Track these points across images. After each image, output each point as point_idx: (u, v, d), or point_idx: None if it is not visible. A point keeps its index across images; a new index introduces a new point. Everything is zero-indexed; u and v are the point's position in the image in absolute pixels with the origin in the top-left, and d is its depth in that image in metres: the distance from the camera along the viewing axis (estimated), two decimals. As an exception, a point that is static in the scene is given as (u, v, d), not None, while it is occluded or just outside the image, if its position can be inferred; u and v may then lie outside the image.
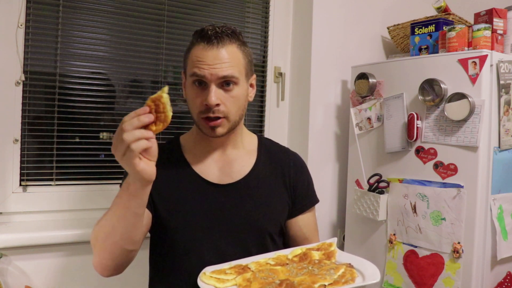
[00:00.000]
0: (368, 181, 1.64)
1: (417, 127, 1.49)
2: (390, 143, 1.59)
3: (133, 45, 1.63)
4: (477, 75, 1.36)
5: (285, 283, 0.84)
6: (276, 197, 1.14)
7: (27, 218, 1.48)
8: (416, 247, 1.50)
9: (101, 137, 1.61)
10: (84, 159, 1.58)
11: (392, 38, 1.93)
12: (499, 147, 1.39)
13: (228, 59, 1.01)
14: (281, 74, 1.93)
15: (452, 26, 1.50)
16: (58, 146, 1.52)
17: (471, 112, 1.35)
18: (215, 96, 1.01)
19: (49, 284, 1.41)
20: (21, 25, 1.43)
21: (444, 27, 1.55)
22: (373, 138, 1.68)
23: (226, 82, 1.02)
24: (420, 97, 1.47)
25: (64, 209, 1.53)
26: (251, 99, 1.14)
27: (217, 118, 1.03)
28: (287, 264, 0.97)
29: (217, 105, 1.01)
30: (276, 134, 1.92)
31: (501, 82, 1.38)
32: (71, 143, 1.56)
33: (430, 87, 1.44)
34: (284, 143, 1.89)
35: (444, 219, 1.42)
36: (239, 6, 1.87)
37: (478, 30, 1.46)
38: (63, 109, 1.52)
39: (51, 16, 1.50)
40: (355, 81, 1.70)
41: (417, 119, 1.49)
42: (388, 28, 1.91)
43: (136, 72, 1.66)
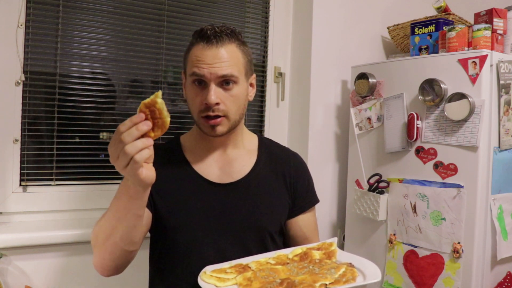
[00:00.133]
0: (368, 181, 1.64)
1: (417, 127, 1.49)
2: (390, 143, 1.59)
3: (133, 45, 1.63)
4: (477, 75, 1.36)
5: (286, 282, 0.84)
6: (276, 196, 1.14)
7: (27, 218, 1.48)
8: (416, 247, 1.50)
9: (101, 137, 1.61)
10: (84, 159, 1.57)
11: (392, 38, 1.93)
12: (499, 147, 1.39)
13: (228, 58, 1.02)
14: (281, 74, 1.93)
15: (452, 26, 1.50)
16: (58, 146, 1.52)
17: (471, 112, 1.35)
18: (215, 95, 1.01)
19: (49, 284, 1.41)
20: (21, 25, 1.43)
21: (444, 27, 1.55)
22: (373, 138, 1.68)
23: (225, 81, 1.02)
24: (420, 97, 1.47)
25: (64, 209, 1.53)
26: (251, 98, 1.14)
27: (217, 117, 1.03)
28: (287, 264, 0.97)
29: (217, 104, 1.02)
30: (276, 134, 1.92)
31: (501, 82, 1.38)
32: (71, 143, 1.56)
33: (430, 87, 1.44)
34: (284, 143, 1.89)
35: (444, 219, 1.42)
36: (239, 6, 1.87)
37: (478, 30, 1.46)
38: (63, 109, 1.52)
39: (51, 16, 1.50)
40: (355, 81, 1.70)
41: (417, 119, 1.49)
42: (388, 28, 1.91)
43: (136, 72, 1.67)
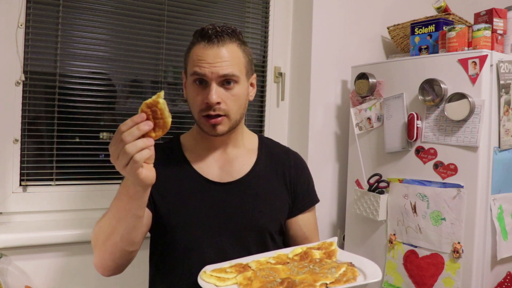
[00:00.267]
0: (368, 181, 1.64)
1: (417, 127, 1.49)
2: (390, 143, 1.59)
3: (133, 45, 1.63)
4: (477, 75, 1.36)
5: (286, 281, 0.84)
6: (276, 196, 1.14)
7: (27, 218, 1.48)
8: (416, 247, 1.50)
9: (101, 137, 1.61)
10: (84, 159, 1.57)
11: (392, 38, 1.93)
12: (499, 147, 1.39)
13: (229, 57, 1.02)
14: (281, 74, 1.93)
15: (452, 26, 1.50)
16: (58, 146, 1.52)
17: (471, 112, 1.35)
18: (216, 94, 1.01)
19: (49, 284, 1.41)
20: (21, 25, 1.43)
21: (444, 27, 1.55)
22: (373, 138, 1.68)
23: (226, 80, 1.03)
24: (420, 97, 1.47)
25: (64, 209, 1.53)
26: (252, 98, 1.15)
27: (217, 116, 1.03)
28: (288, 263, 0.97)
29: (218, 103, 1.02)
30: (276, 134, 1.92)
31: (501, 82, 1.38)
32: (71, 143, 1.56)
33: (430, 87, 1.44)
34: (284, 143, 1.89)
35: (444, 219, 1.42)
36: (239, 6, 1.87)
37: (478, 30, 1.46)
38: (63, 109, 1.52)
39: (51, 16, 1.50)
40: (355, 81, 1.70)
41: (417, 119, 1.49)
42: (388, 28, 1.91)
43: (136, 72, 1.66)
